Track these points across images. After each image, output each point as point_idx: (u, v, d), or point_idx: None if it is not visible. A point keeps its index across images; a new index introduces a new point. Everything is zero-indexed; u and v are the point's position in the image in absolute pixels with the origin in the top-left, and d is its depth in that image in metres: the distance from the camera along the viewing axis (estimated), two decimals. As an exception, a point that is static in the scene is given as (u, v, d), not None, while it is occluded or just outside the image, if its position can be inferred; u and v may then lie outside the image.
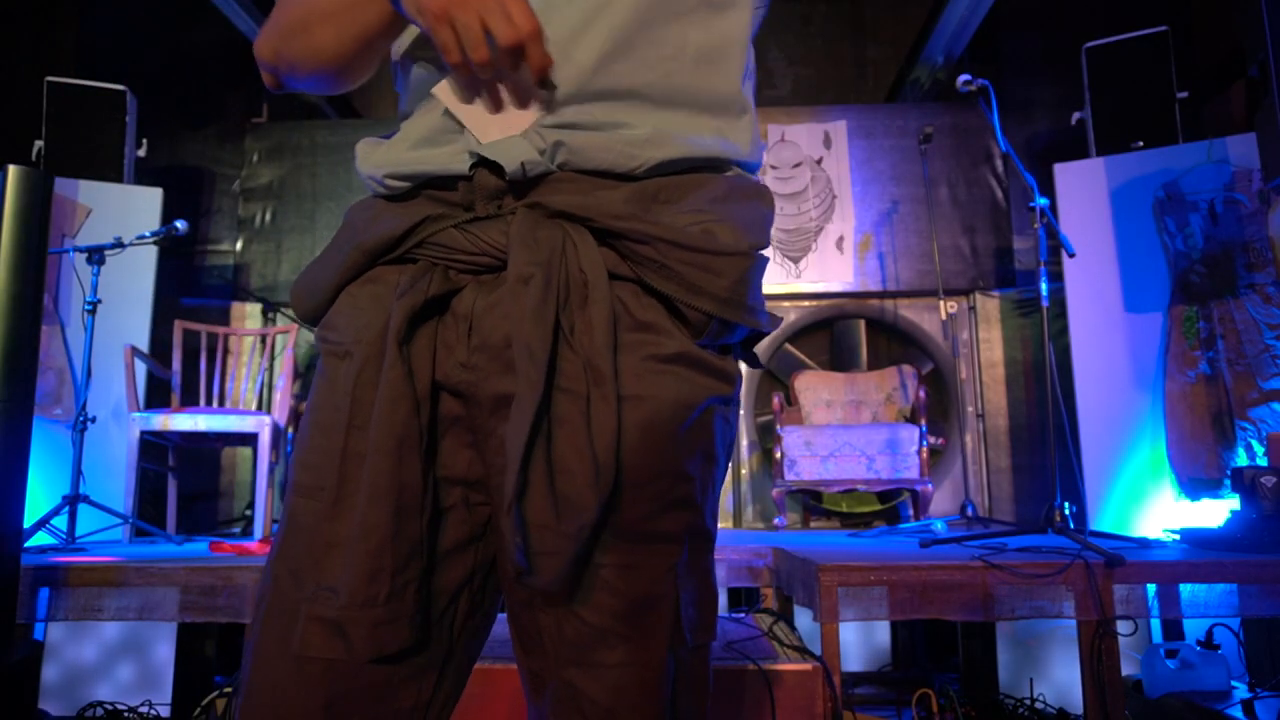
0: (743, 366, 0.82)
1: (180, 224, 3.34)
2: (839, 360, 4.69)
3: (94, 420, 3.17)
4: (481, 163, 0.72)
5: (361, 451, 0.70)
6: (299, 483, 0.74)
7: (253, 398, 3.78)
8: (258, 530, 3.39)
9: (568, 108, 0.71)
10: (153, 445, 3.49)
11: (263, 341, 3.89)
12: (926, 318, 4.60)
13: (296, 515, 0.72)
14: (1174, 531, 2.86)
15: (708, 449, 0.74)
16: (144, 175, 4.28)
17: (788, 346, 4.74)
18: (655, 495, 0.70)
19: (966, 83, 2.87)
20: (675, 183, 0.74)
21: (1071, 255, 2.83)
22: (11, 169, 1.91)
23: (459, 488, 0.74)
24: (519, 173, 0.71)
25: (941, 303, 4.17)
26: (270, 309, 4.76)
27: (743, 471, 4.53)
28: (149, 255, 3.93)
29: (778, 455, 4.01)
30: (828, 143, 4.73)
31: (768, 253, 0.78)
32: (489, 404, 0.72)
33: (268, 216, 4.92)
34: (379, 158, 0.77)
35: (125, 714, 2.69)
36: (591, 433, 0.67)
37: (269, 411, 3.50)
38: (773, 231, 4.91)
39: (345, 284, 0.77)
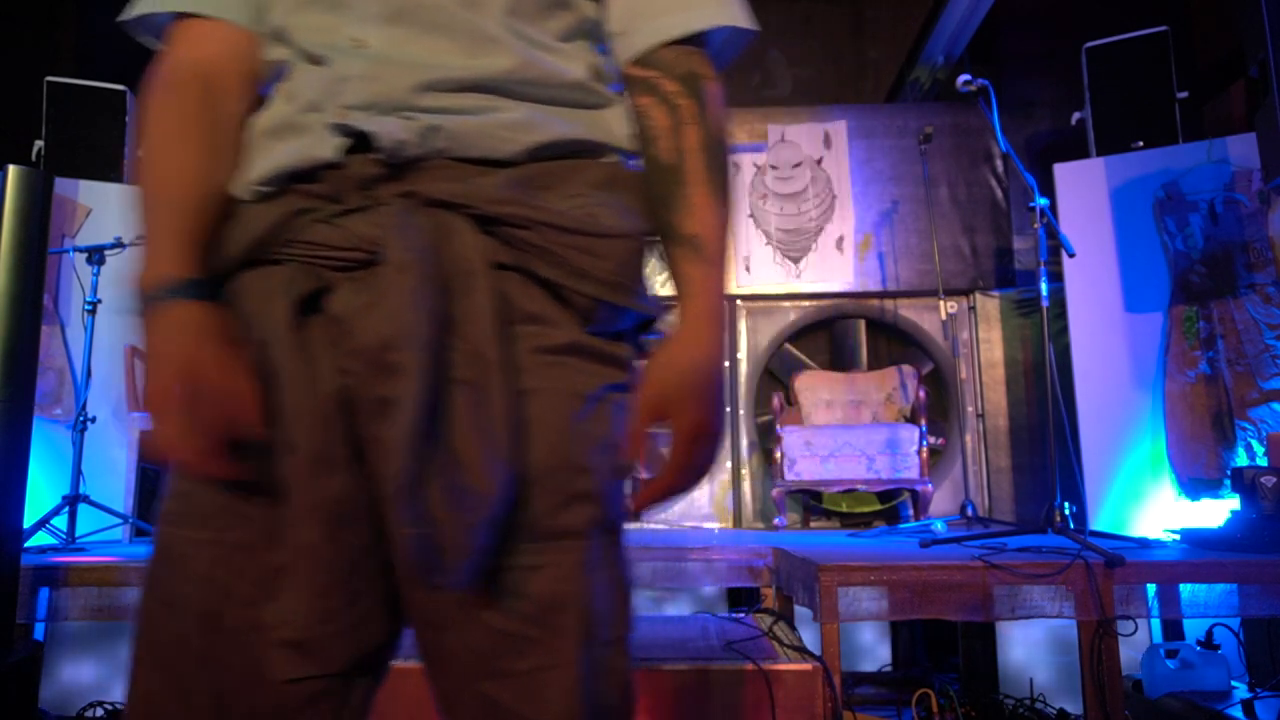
0: None
1: (180, 224, 3.34)
2: (839, 360, 4.69)
3: (94, 420, 3.17)
4: (352, 148, 0.70)
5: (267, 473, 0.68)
6: (168, 512, 0.72)
7: (253, 398, 3.78)
8: (258, 530, 3.39)
9: (439, 95, 0.71)
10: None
11: (263, 341, 3.89)
12: (926, 318, 4.60)
13: (171, 546, 0.71)
14: (1174, 531, 2.86)
15: (607, 439, 0.73)
16: (144, 175, 4.28)
17: (788, 346, 4.74)
18: (555, 490, 0.69)
19: (966, 83, 2.87)
20: (554, 168, 0.74)
21: (1071, 255, 2.83)
22: (11, 169, 1.91)
23: None
24: (396, 151, 0.69)
25: (941, 303, 4.16)
26: (270, 309, 4.75)
27: (743, 471, 4.53)
28: (149, 255, 3.92)
29: (777, 455, 4.01)
30: (828, 143, 4.73)
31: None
32: (369, 409, 0.68)
33: (268, 216, 4.92)
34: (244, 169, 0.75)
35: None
36: (487, 422, 0.66)
37: (269, 411, 3.49)
38: (772, 231, 4.88)
39: (236, 268, 0.74)
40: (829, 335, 4.78)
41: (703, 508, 4.50)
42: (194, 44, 0.78)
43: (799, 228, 4.66)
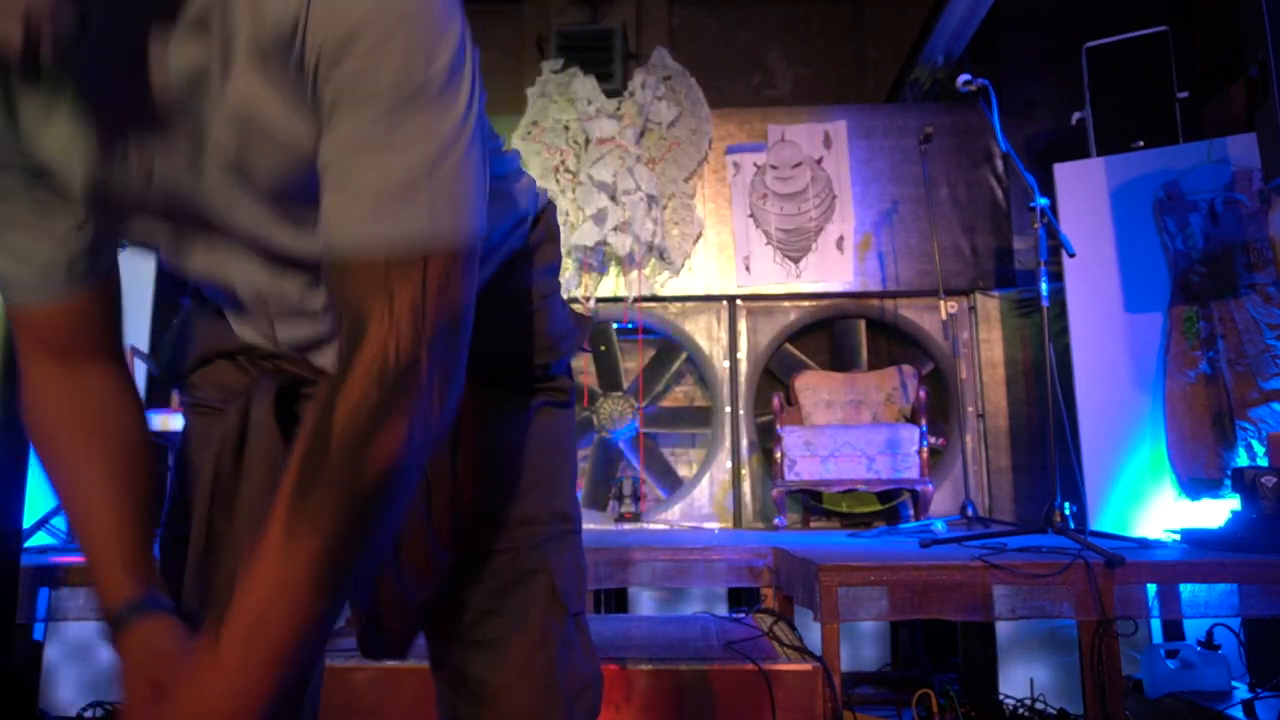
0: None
1: (180, 224, 3.34)
2: (839, 360, 4.69)
3: (94, 420, 3.16)
4: None
5: (227, 506, 0.77)
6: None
7: (253, 398, 3.78)
8: (258, 530, 3.39)
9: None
10: (152, 445, 3.48)
11: (263, 341, 3.89)
12: (926, 318, 4.60)
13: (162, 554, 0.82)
14: (1174, 531, 2.86)
15: (553, 441, 0.86)
16: (144, 175, 4.28)
17: (788, 346, 4.74)
18: (508, 483, 0.82)
19: (966, 83, 2.87)
20: None
21: (1072, 255, 2.83)
22: (11, 169, 1.91)
23: None
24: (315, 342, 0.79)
25: (941, 303, 4.16)
26: (270, 309, 4.75)
27: (743, 471, 4.53)
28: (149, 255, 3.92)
29: (778, 455, 4.00)
30: (828, 143, 4.73)
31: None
32: None
33: (268, 216, 4.92)
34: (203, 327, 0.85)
35: (125, 714, 2.69)
36: (431, 522, 0.75)
37: (269, 411, 3.49)
38: (772, 231, 4.87)
39: (207, 360, 0.85)
40: (829, 335, 4.78)
41: (703, 508, 4.50)
42: (39, 346, 0.76)
43: (799, 228, 4.66)
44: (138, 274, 3.89)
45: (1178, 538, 2.81)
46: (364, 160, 0.57)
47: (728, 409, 4.56)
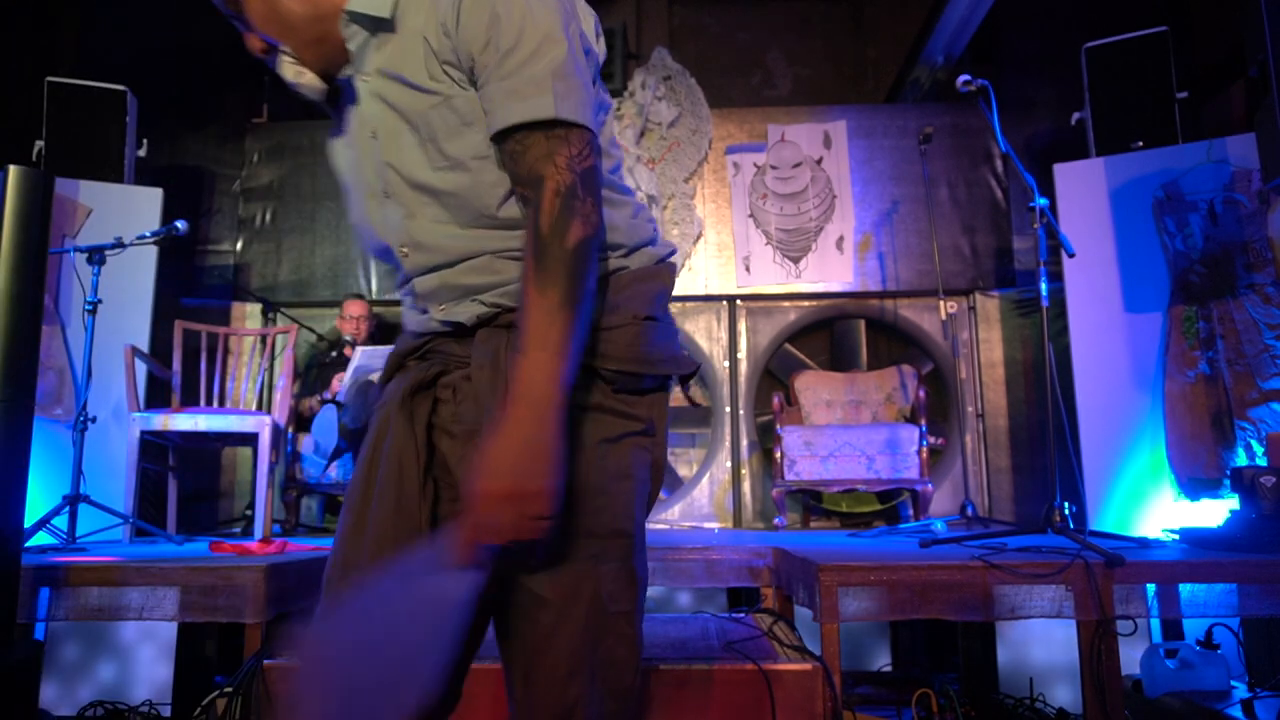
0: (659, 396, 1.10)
1: (180, 224, 3.34)
2: (839, 360, 4.69)
3: (94, 420, 3.17)
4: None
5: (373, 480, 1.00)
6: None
7: (253, 398, 3.78)
8: (258, 530, 3.39)
9: (480, 273, 1.01)
10: (153, 445, 3.49)
11: (263, 341, 3.89)
12: (926, 318, 4.60)
13: (339, 527, 1.03)
14: (1174, 531, 2.86)
15: (624, 470, 0.97)
16: (144, 175, 4.28)
17: (788, 346, 4.74)
18: (581, 502, 0.94)
19: (966, 83, 2.87)
20: None
21: (1071, 255, 2.83)
22: (11, 169, 1.91)
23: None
24: (474, 321, 1.01)
25: (941, 303, 4.16)
26: (270, 309, 4.76)
27: (743, 471, 4.53)
28: (149, 255, 3.93)
29: (778, 455, 4.01)
30: (828, 143, 4.73)
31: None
32: (464, 437, 1.00)
33: (268, 217, 4.93)
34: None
35: (125, 714, 2.69)
36: None
37: (269, 411, 3.50)
38: (772, 231, 4.87)
39: (393, 373, 1.11)
40: (829, 335, 4.78)
41: (703, 508, 4.50)
42: None
43: (799, 228, 4.66)
44: (138, 273, 3.89)
45: (1177, 538, 2.81)
46: (516, 67, 0.91)
47: (728, 409, 4.56)
